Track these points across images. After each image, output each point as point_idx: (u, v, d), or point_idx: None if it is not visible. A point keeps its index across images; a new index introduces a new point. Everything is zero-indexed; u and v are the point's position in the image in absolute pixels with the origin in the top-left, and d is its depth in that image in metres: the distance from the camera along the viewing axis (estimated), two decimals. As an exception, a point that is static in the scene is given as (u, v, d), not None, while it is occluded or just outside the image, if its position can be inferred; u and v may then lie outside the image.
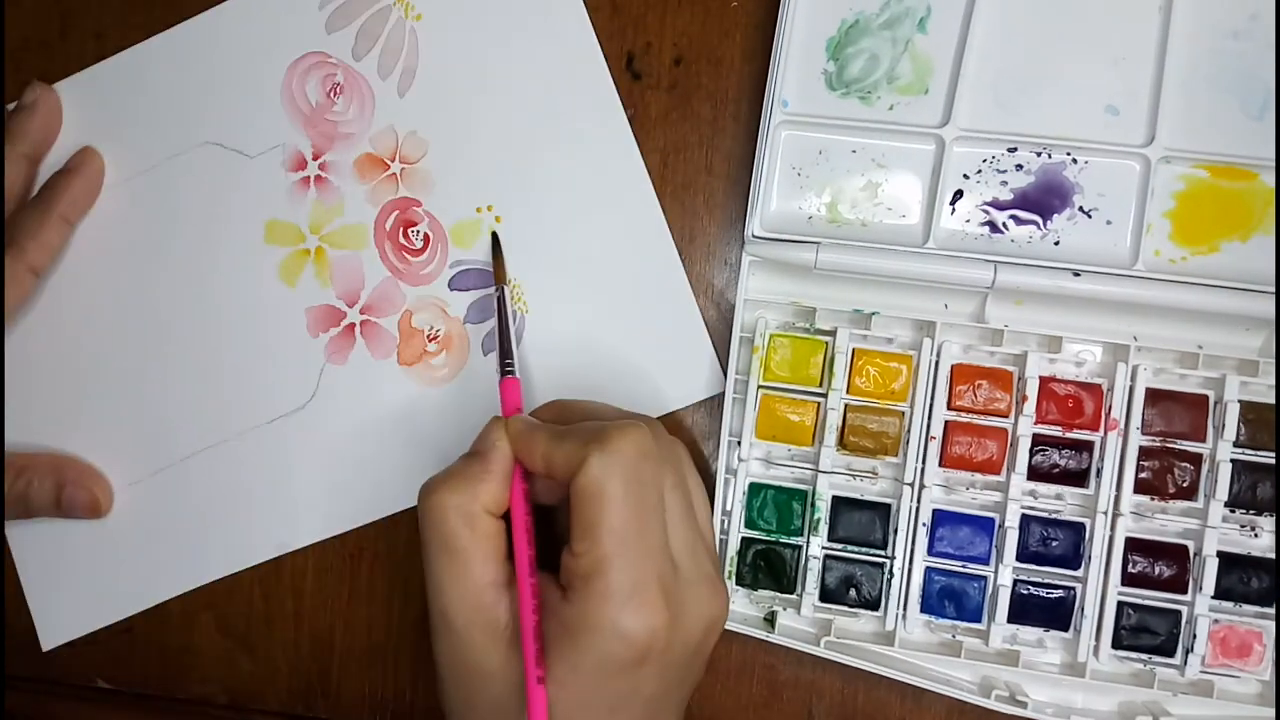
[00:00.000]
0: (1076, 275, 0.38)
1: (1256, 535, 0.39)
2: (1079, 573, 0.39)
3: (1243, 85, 0.38)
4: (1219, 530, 0.38)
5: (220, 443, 0.44)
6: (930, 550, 0.40)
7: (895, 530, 0.40)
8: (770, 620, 0.41)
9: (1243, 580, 0.39)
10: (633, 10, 0.42)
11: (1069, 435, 0.40)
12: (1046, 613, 0.39)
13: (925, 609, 0.40)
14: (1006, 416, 0.40)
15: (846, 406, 0.40)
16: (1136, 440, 0.39)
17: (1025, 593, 0.39)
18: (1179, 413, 0.39)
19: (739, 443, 0.40)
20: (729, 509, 0.41)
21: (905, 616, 0.40)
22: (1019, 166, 0.40)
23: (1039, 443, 0.39)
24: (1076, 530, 0.39)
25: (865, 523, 0.40)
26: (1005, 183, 0.40)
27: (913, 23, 0.40)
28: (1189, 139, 0.38)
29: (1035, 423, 0.39)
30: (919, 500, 0.39)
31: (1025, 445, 0.39)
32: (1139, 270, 0.39)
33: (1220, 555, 0.38)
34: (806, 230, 0.40)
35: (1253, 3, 0.38)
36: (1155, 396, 0.39)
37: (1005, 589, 0.39)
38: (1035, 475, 0.39)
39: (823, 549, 0.40)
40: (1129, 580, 0.39)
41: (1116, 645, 0.39)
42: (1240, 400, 0.38)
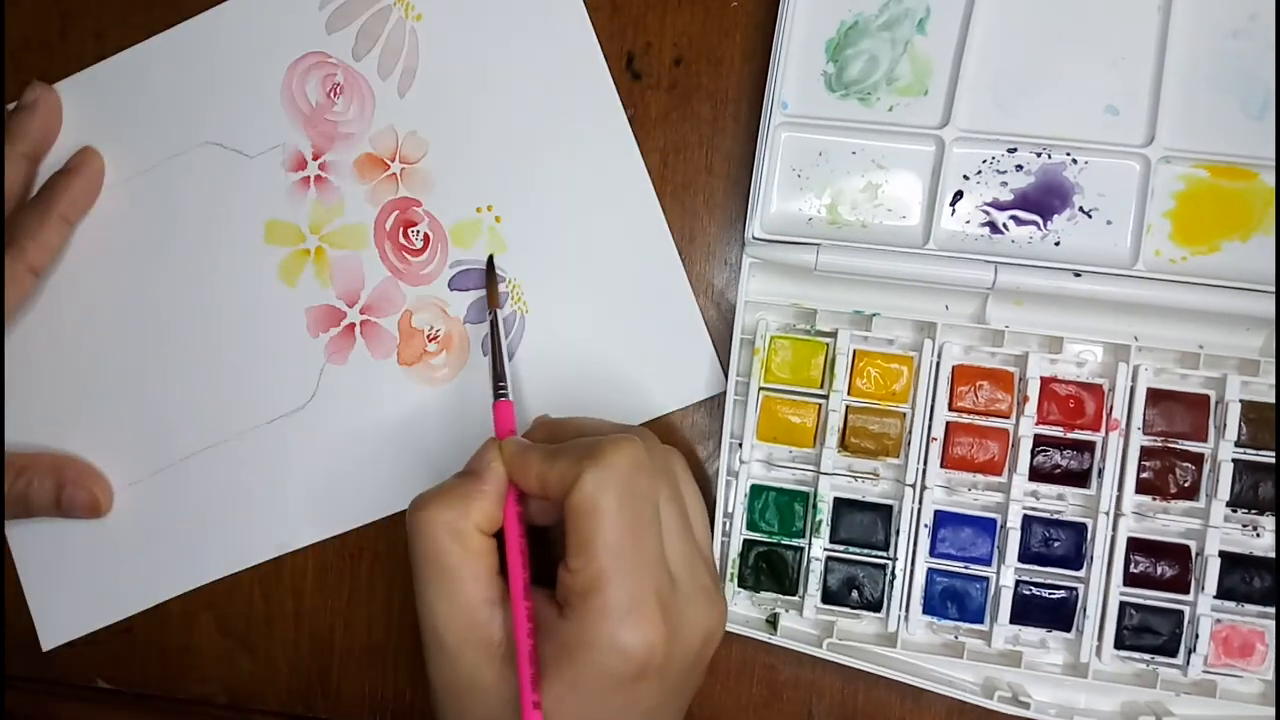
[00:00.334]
0: (1077, 275, 0.38)
1: (1258, 535, 0.39)
2: (1081, 573, 0.39)
3: (1243, 85, 0.38)
4: (1221, 530, 0.38)
5: (220, 443, 0.44)
6: (932, 551, 0.40)
7: (897, 531, 0.40)
8: (773, 622, 0.41)
9: (1245, 580, 0.38)
10: (633, 10, 0.42)
11: (1070, 436, 0.39)
12: (1049, 613, 0.39)
13: (927, 610, 0.40)
14: (1008, 417, 0.40)
15: (848, 408, 0.40)
16: (1138, 440, 0.39)
17: (1027, 593, 0.39)
18: (1180, 413, 0.39)
19: (740, 445, 0.40)
20: (731, 511, 0.40)
21: (908, 618, 0.40)
22: (1019, 167, 0.40)
23: (1040, 443, 0.39)
24: (1078, 531, 0.39)
25: (867, 524, 0.40)
26: (1005, 183, 0.40)
27: (912, 24, 0.40)
28: (1189, 139, 0.38)
29: (1036, 423, 0.39)
30: (921, 501, 0.39)
31: (1027, 446, 0.39)
32: (1139, 270, 0.38)
33: (1222, 555, 0.38)
34: (807, 232, 0.40)
35: (1252, 2, 0.38)
36: (1156, 396, 0.39)
37: (1007, 590, 0.39)
38: (1037, 476, 0.39)
39: (825, 550, 0.40)
40: (1131, 580, 0.39)
41: (1119, 645, 0.39)
42: (1241, 400, 0.38)
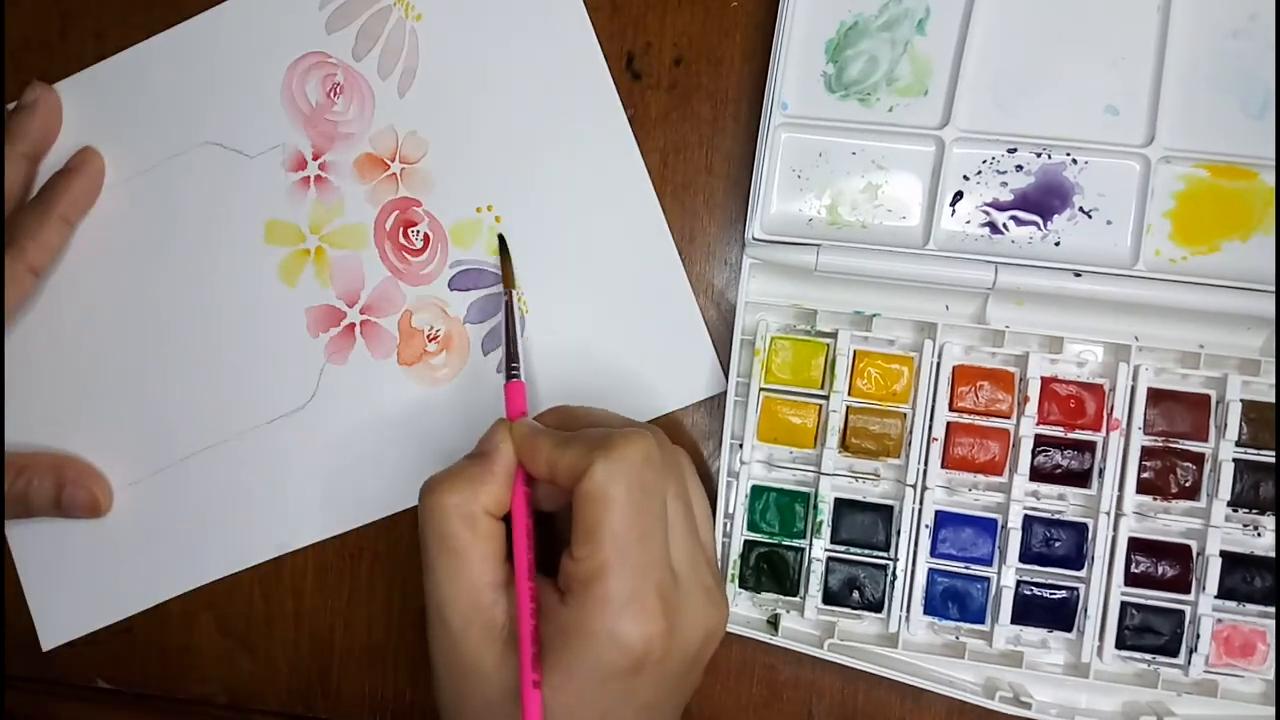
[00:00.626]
0: (1077, 276, 0.38)
1: (1259, 534, 0.39)
2: (1082, 573, 0.39)
3: (1243, 85, 0.38)
4: (1222, 530, 0.38)
5: (220, 443, 0.44)
6: (933, 552, 0.40)
7: (898, 532, 0.40)
8: (774, 623, 0.41)
9: (1246, 580, 0.38)
10: (633, 10, 0.42)
11: (1071, 436, 0.39)
12: (1050, 613, 0.39)
13: (928, 610, 0.40)
14: (1008, 417, 0.40)
15: (848, 408, 0.40)
16: (1138, 440, 0.39)
17: (1028, 593, 0.39)
18: (1181, 412, 0.39)
19: (741, 445, 0.40)
20: (731, 512, 0.40)
21: (909, 618, 0.39)
22: (1019, 167, 0.40)
23: (1041, 443, 0.39)
24: (1079, 531, 0.39)
25: (868, 525, 0.40)
26: (1005, 183, 0.40)
27: (911, 24, 0.40)
28: (1189, 139, 0.38)
29: (1037, 423, 0.39)
30: (921, 502, 0.39)
31: (1027, 446, 0.39)
32: (1140, 270, 0.38)
33: (1223, 555, 0.38)
34: (807, 232, 0.40)
35: (1252, 2, 0.38)
36: (1157, 396, 0.39)
37: (1008, 590, 0.39)
38: (1037, 476, 0.39)
39: (825, 551, 0.40)
40: (1132, 580, 0.39)
41: (1120, 645, 0.39)
42: (1242, 399, 0.38)
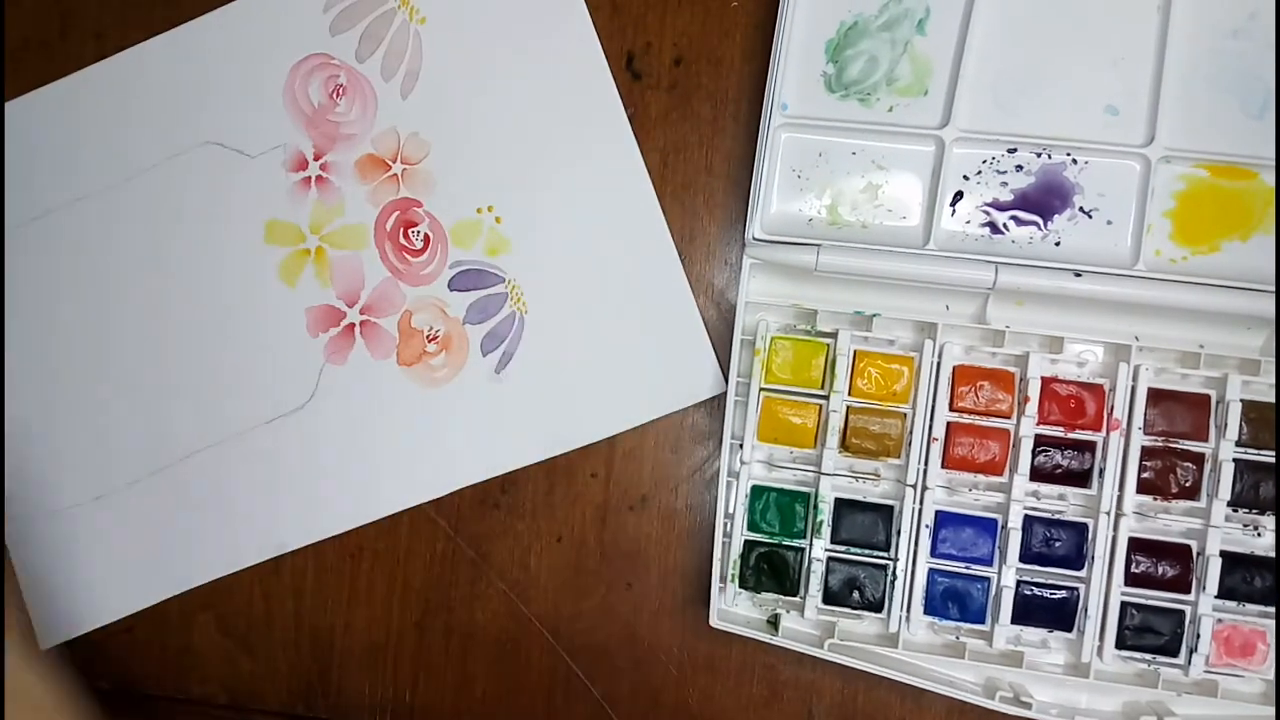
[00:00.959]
0: (1077, 276, 0.38)
1: (1259, 534, 0.39)
2: (1082, 573, 0.39)
3: (1243, 85, 0.38)
4: (1222, 530, 0.38)
5: (220, 442, 0.44)
6: (933, 552, 0.40)
7: (898, 532, 0.40)
8: (774, 623, 0.41)
9: (1246, 580, 0.38)
10: (633, 10, 0.42)
11: (1071, 436, 0.39)
12: (1050, 613, 0.39)
13: (929, 611, 0.40)
14: (1008, 417, 0.40)
15: (848, 408, 0.40)
16: (1139, 440, 0.39)
17: (1028, 593, 0.39)
18: (1181, 412, 0.39)
19: (741, 445, 0.40)
20: (731, 512, 0.40)
21: (909, 618, 0.39)
22: (1019, 167, 0.40)
23: (1041, 443, 0.39)
24: (1079, 531, 0.39)
25: (868, 525, 0.40)
26: (1005, 183, 0.40)
27: (911, 24, 0.40)
28: (1189, 139, 0.38)
29: (1037, 423, 0.39)
30: (921, 502, 0.39)
31: (1027, 446, 0.39)
32: (1140, 270, 0.39)
33: (1223, 555, 0.38)
34: (807, 232, 0.40)
35: (1252, 2, 0.38)
36: (1157, 396, 0.39)
37: (1008, 590, 0.39)
38: (1038, 476, 0.39)
39: (826, 551, 0.40)
40: (1132, 580, 0.39)
41: (1120, 645, 0.39)
42: (1242, 399, 0.38)
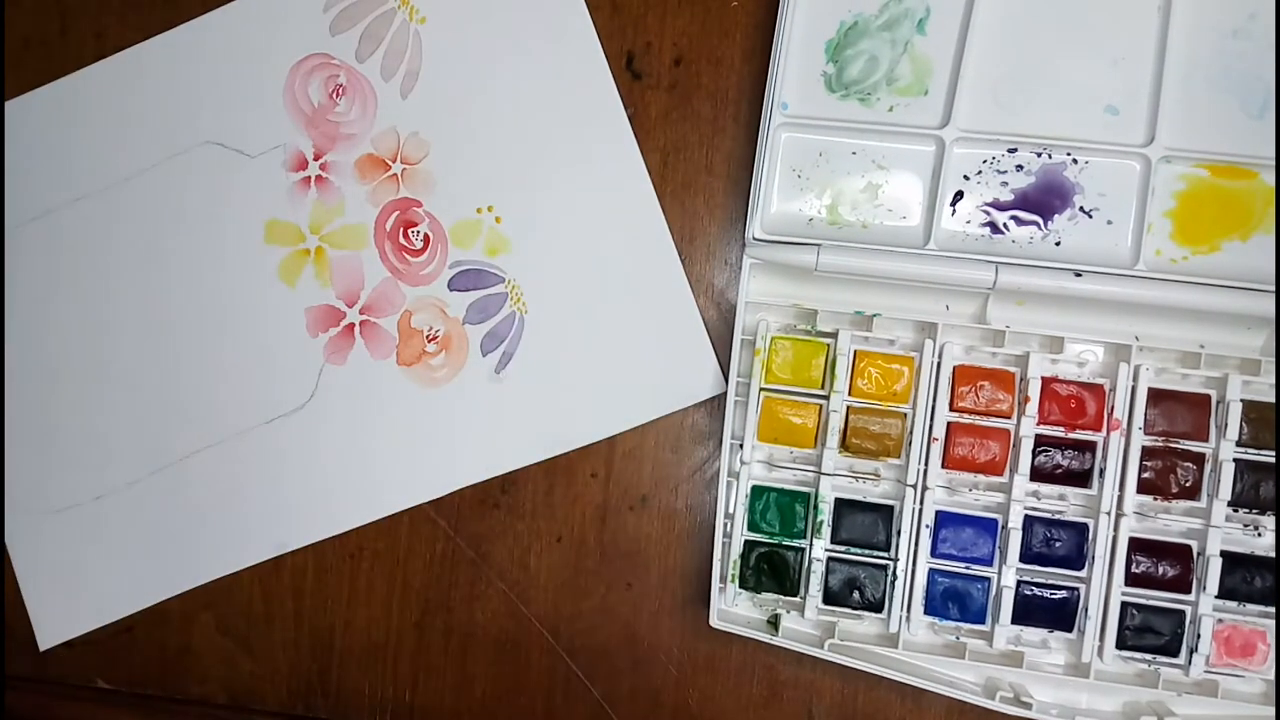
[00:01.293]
0: (1078, 275, 0.38)
1: (1260, 534, 0.39)
2: (1082, 573, 0.39)
3: (1243, 85, 0.38)
4: (1222, 530, 0.38)
5: (219, 442, 0.44)
6: (933, 552, 0.40)
7: (898, 532, 0.40)
8: (774, 623, 0.41)
9: (1246, 580, 0.38)
10: (633, 10, 0.42)
11: (1071, 436, 0.39)
12: (1050, 613, 0.39)
13: (929, 611, 0.40)
14: (1009, 417, 0.40)
15: (848, 408, 0.40)
16: (1139, 440, 0.39)
17: (1029, 594, 0.39)
18: (1181, 412, 0.39)
19: (741, 445, 0.40)
20: (731, 512, 0.40)
21: (909, 618, 0.39)
22: (1019, 167, 0.40)
23: (1041, 443, 0.39)
24: (1080, 531, 0.39)
25: (868, 525, 0.40)
26: (1006, 183, 0.40)
27: (912, 24, 0.40)
28: (1189, 138, 0.38)
29: (1038, 423, 0.39)
30: (922, 502, 0.39)
31: (1028, 446, 0.39)
32: (1140, 270, 0.38)
33: (1223, 555, 0.38)
34: (807, 232, 0.40)
35: (1252, 2, 0.38)
36: (1157, 396, 0.39)
37: (1009, 590, 0.39)
38: (1038, 476, 0.39)
39: (826, 551, 0.40)
40: (1132, 580, 0.39)
41: (1121, 645, 0.39)
42: (1242, 399, 0.38)
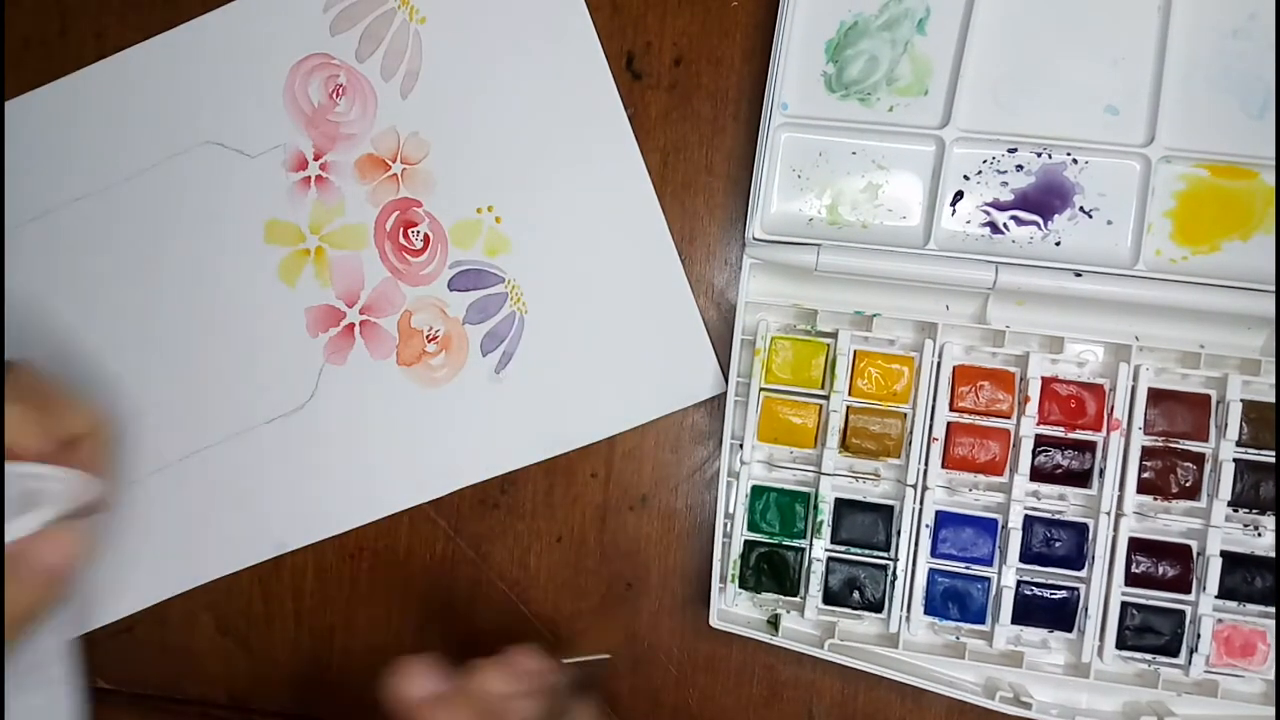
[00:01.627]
0: (1078, 275, 0.38)
1: (1260, 534, 0.39)
2: (1082, 573, 0.39)
3: (1243, 85, 0.38)
4: (1222, 530, 0.38)
5: (219, 442, 0.44)
6: (933, 552, 0.40)
7: (898, 532, 0.40)
8: (774, 623, 0.41)
9: (1246, 580, 0.38)
10: (633, 10, 0.42)
11: (1071, 436, 0.39)
12: (1050, 613, 0.39)
13: (929, 611, 0.40)
14: (1009, 417, 0.40)
15: (848, 408, 0.40)
16: (1139, 440, 0.39)
17: (1029, 594, 0.39)
18: (1181, 412, 0.39)
19: (741, 445, 0.40)
20: (731, 512, 0.40)
21: (909, 618, 0.39)
22: (1019, 167, 0.40)
23: (1041, 443, 0.39)
24: (1080, 531, 0.39)
25: (868, 525, 0.40)
26: (1006, 183, 0.40)
27: (912, 24, 0.40)
28: (1189, 138, 0.38)
29: (1038, 423, 0.39)
30: (922, 502, 0.39)
31: (1028, 446, 0.39)
32: (1140, 270, 0.38)
33: (1223, 555, 0.38)
34: (807, 232, 0.40)
35: (1252, 2, 0.38)
36: (1157, 396, 0.39)
37: (1009, 590, 0.39)
38: (1038, 476, 0.39)
39: (826, 551, 0.40)
40: (1133, 580, 0.39)
41: (1121, 645, 0.39)
42: (1242, 399, 0.38)
